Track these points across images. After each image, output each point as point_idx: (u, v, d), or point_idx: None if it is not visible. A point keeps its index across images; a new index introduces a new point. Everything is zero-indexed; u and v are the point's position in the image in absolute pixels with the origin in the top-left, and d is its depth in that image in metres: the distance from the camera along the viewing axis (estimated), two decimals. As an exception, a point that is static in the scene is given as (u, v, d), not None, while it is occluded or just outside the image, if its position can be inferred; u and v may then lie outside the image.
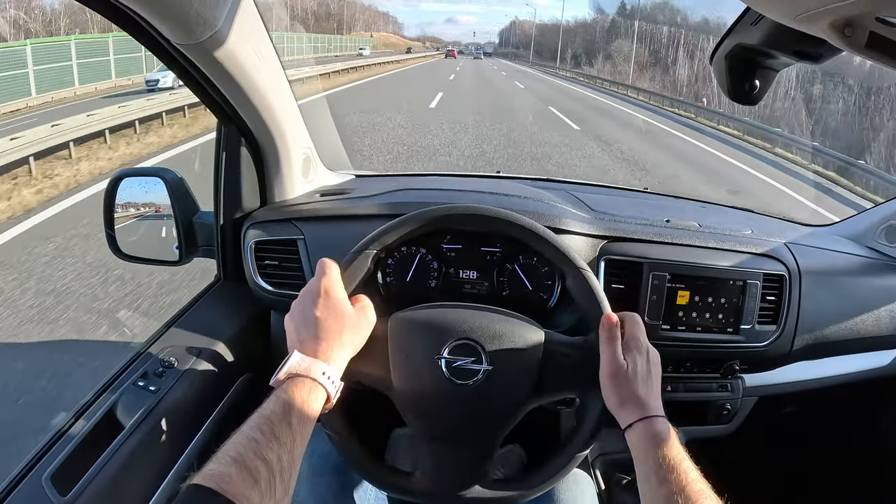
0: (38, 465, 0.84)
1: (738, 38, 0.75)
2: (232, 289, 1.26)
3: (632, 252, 1.14)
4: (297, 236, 1.16)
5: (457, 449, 0.88)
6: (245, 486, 0.57)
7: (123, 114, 10.43)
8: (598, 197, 1.35)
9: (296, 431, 0.67)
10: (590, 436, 0.87)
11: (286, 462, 0.63)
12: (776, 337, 1.18)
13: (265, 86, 1.04)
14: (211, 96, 1.04)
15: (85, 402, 0.97)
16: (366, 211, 1.18)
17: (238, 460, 0.59)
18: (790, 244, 1.24)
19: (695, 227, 1.23)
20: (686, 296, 1.14)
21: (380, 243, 0.91)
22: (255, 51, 0.97)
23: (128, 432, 0.90)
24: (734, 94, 0.80)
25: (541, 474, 0.88)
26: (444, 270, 1.15)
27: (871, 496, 1.52)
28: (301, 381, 0.72)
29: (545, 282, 1.14)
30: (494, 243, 1.14)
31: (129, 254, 1.25)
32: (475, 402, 0.85)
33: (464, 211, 0.94)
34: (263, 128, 1.13)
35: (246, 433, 0.64)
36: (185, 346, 1.09)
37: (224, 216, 1.21)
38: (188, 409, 1.01)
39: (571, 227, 1.12)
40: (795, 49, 0.69)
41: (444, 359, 0.84)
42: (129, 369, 1.03)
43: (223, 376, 1.11)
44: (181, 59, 0.92)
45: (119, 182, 1.22)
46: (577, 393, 0.92)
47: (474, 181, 1.51)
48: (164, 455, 0.95)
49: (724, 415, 1.28)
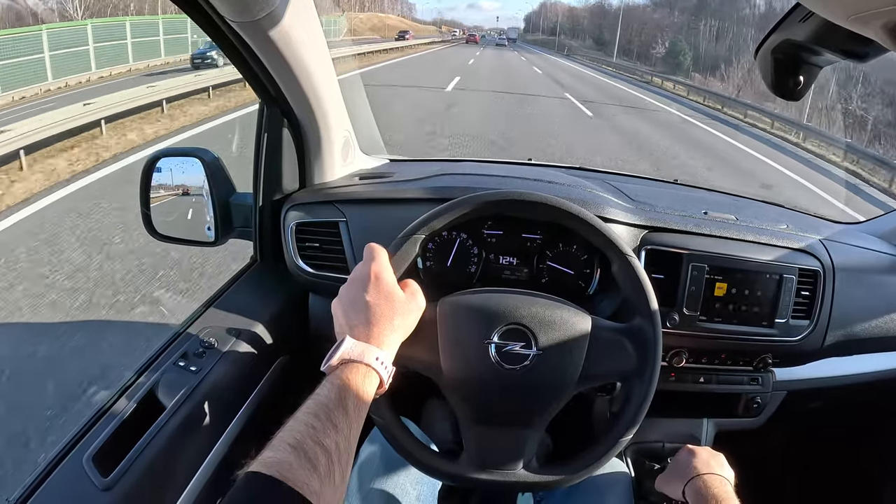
0: (78, 444, 0.84)
1: (786, 34, 0.74)
2: (269, 270, 1.26)
3: (672, 243, 1.13)
4: (339, 219, 1.16)
5: (503, 433, 0.88)
6: (305, 473, 0.57)
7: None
8: (635, 187, 1.34)
9: (352, 417, 0.67)
10: (633, 420, 0.88)
11: (343, 448, 0.63)
12: (809, 332, 1.18)
13: (313, 67, 1.03)
14: (257, 76, 1.03)
15: (125, 381, 0.97)
16: (409, 195, 1.18)
17: (297, 447, 0.59)
18: (825, 240, 1.24)
19: (732, 220, 1.23)
20: (724, 288, 1.14)
21: (428, 228, 0.91)
22: (306, 31, 0.97)
23: (169, 412, 0.90)
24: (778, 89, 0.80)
25: (583, 460, 0.89)
26: (484, 256, 1.15)
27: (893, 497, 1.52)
28: (355, 366, 0.72)
29: (584, 269, 1.14)
30: (535, 230, 1.14)
31: (164, 233, 1.24)
32: (523, 386, 0.86)
33: (516, 197, 0.93)
34: (307, 109, 1.12)
35: (302, 419, 0.63)
36: (224, 326, 1.09)
37: (263, 197, 1.20)
38: (228, 390, 1.01)
39: (615, 215, 1.12)
40: (843, 48, 0.68)
41: (493, 343, 0.85)
42: (169, 349, 1.03)
43: (261, 358, 1.11)
44: (233, 36, 0.92)
45: (156, 162, 1.21)
46: (620, 378, 0.93)
47: (510, 167, 1.51)
48: (205, 435, 0.95)
49: (754, 408, 1.29)
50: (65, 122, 8.00)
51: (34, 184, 6.36)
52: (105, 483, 0.79)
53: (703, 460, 0.98)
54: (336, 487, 0.60)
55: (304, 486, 0.56)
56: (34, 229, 4.98)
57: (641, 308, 0.90)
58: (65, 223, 5.10)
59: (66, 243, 4.65)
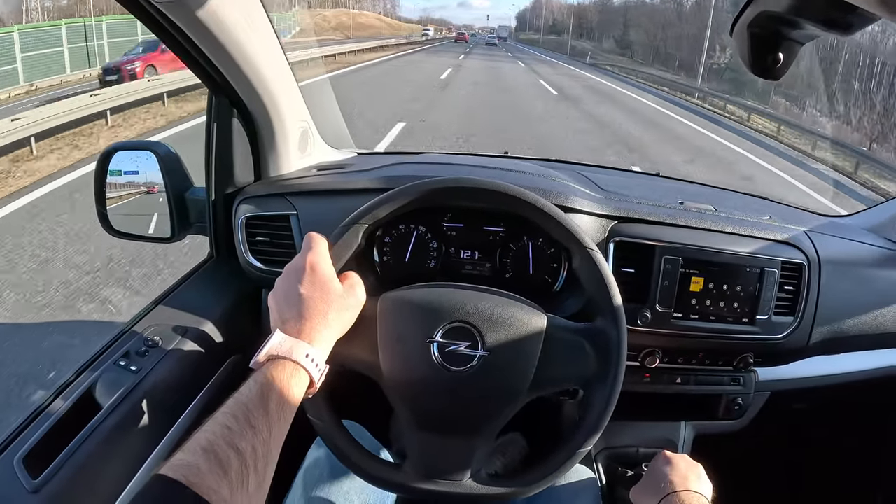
0: (10, 446, 0.81)
1: (762, 6, 0.69)
2: (224, 267, 1.22)
3: (643, 234, 1.07)
4: (289, 211, 1.11)
5: (449, 440, 0.83)
6: (214, 479, 0.53)
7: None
8: (607, 177, 1.30)
9: (273, 419, 0.62)
10: (593, 430, 0.81)
11: (261, 452, 0.59)
12: (793, 329, 1.12)
13: (256, 53, 0.99)
14: (198, 63, 0.99)
15: (63, 381, 0.93)
16: (360, 185, 1.13)
17: (208, 450, 0.55)
18: (810, 232, 1.18)
19: (710, 211, 1.17)
20: (700, 282, 1.08)
21: (371, 217, 0.85)
22: (242, 14, 0.93)
23: (105, 413, 0.86)
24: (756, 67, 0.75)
25: (540, 470, 0.83)
26: (444, 250, 1.10)
27: (884, 497, 1.47)
28: (282, 363, 0.67)
29: (551, 264, 1.08)
30: (498, 222, 1.09)
31: (122, 230, 1.21)
32: (469, 390, 0.80)
33: (461, 184, 0.88)
34: (256, 97, 1.08)
35: (219, 420, 0.59)
36: (172, 324, 1.05)
37: (216, 191, 1.16)
38: (171, 391, 0.97)
39: (579, 205, 1.06)
40: (826, 17, 0.64)
41: (436, 342, 0.79)
42: (112, 348, 0.99)
43: (210, 357, 1.07)
44: (162, 19, 0.87)
45: (111, 156, 1.17)
46: (580, 384, 0.86)
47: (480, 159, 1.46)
48: (144, 437, 0.91)
49: (736, 410, 1.23)
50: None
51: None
52: (34, 485, 0.76)
53: (681, 473, 0.92)
54: (250, 495, 0.56)
55: (210, 493, 0.52)
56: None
57: (604, 306, 0.83)
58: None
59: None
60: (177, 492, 0.51)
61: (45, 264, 4.35)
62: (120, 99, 10.20)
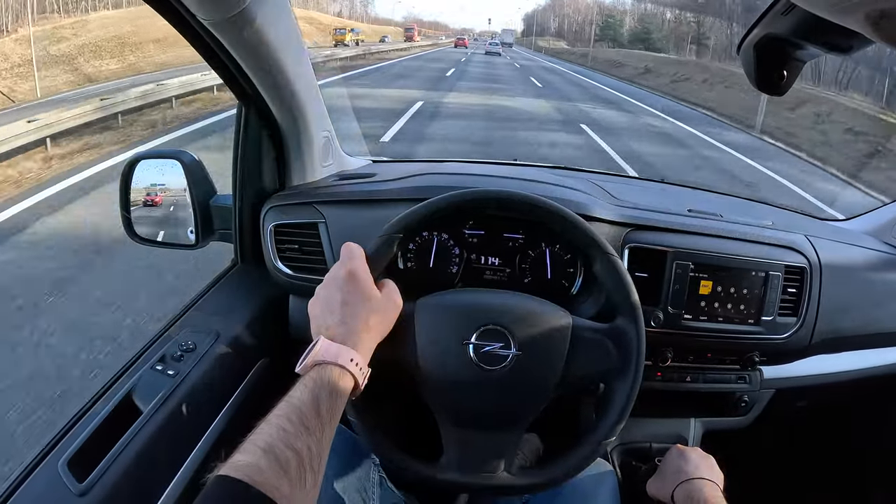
0: (54, 450, 0.83)
1: (768, 28, 0.73)
2: (249, 273, 1.25)
3: (655, 241, 1.12)
4: (318, 220, 1.15)
5: (482, 435, 0.87)
6: (275, 477, 0.56)
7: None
8: (619, 186, 1.34)
9: (325, 420, 0.65)
10: (615, 423, 0.86)
11: (315, 452, 0.62)
12: (796, 329, 1.17)
13: (289, 66, 1.02)
14: (233, 76, 1.02)
15: (102, 386, 0.96)
16: (389, 195, 1.17)
17: (268, 451, 0.58)
18: (811, 237, 1.24)
19: (717, 217, 1.22)
20: (709, 286, 1.13)
21: (406, 228, 0.90)
22: (281, 30, 0.96)
23: (146, 417, 0.89)
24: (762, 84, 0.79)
25: (566, 463, 0.87)
26: (465, 256, 1.14)
27: (886, 493, 1.52)
28: (329, 368, 0.71)
29: (567, 269, 1.13)
30: (517, 229, 1.13)
31: (145, 237, 1.24)
32: (503, 388, 0.84)
33: (494, 195, 0.93)
34: (285, 109, 1.11)
35: (274, 423, 0.62)
36: (203, 329, 1.08)
37: (242, 199, 1.19)
38: (206, 394, 1.00)
39: (596, 213, 1.11)
40: (826, 40, 0.68)
41: (472, 344, 0.84)
42: (148, 353, 1.02)
43: (241, 360, 1.10)
44: (206, 36, 0.91)
45: (135, 165, 1.20)
46: (602, 379, 0.91)
47: (494, 167, 1.50)
48: (183, 440, 0.94)
49: (742, 407, 1.28)
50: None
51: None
52: (81, 488, 0.78)
53: (694, 463, 0.97)
54: (307, 492, 0.59)
55: (273, 491, 0.55)
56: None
57: (623, 307, 0.88)
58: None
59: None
60: (242, 491, 0.53)
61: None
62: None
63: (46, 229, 5.15)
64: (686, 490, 0.93)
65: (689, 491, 0.93)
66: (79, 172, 6.90)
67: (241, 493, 0.54)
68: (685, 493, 0.93)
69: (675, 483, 0.95)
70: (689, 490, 0.93)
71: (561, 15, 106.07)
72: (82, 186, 6.40)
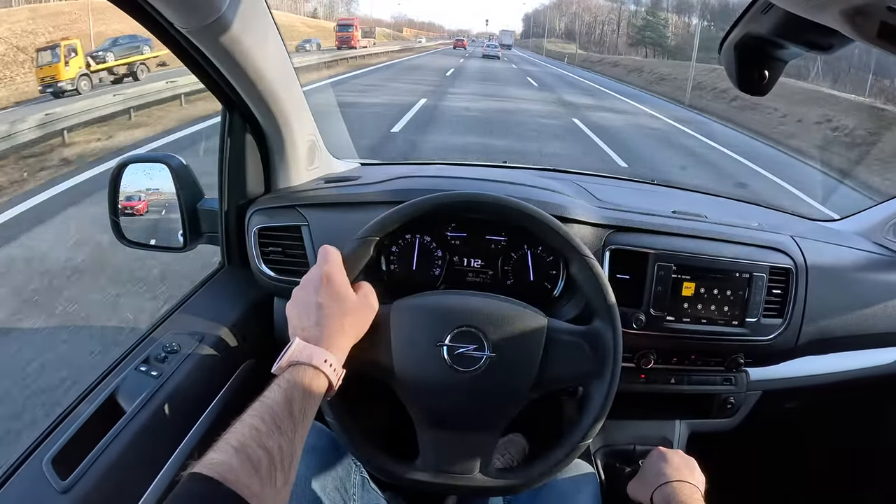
0: (38, 449, 0.85)
1: (748, 28, 0.73)
2: (235, 275, 1.26)
3: (637, 242, 1.13)
4: (300, 223, 1.16)
5: (458, 437, 0.88)
6: (246, 476, 0.57)
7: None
8: (604, 187, 1.34)
9: (297, 420, 0.67)
10: (591, 426, 0.87)
11: (287, 451, 0.63)
12: (781, 330, 1.17)
13: (270, 71, 1.03)
14: (215, 82, 1.03)
15: (87, 386, 0.97)
16: (371, 198, 1.18)
17: (240, 449, 0.59)
18: (797, 238, 1.23)
19: (702, 218, 1.22)
20: (692, 287, 1.13)
21: (382, 230, 0.90)
22: (259, 35, 0.96)
23: (129, 417, 0.90)
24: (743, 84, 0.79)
25: (542, 465, 0.88)
26: (448, 258, 1.15)
27: (874, 494, 1.51)
28: (303, 369, 0.72)
29: (550, 271, 1.13)
30: (499, 232, 1.14)
31: (134, 240, 1.25)
32: (477, 390, 0.85)
33: (467, 198, 0.93)
34: (268, 114, 1.12)
35: (247, 422, 0.63)
36: (189, 331, 1.09)
37: (228, 202, 1.20)
38: (190, 395, 1.01)
39: (576, 215, 1.11)
40: (806, 39, 0.68)
41: (446, 346, 0.84)
42: (132, 354, 1.03)
43: (226, 362, 1.11)
44: (185, 43, 0.91)
45: (124, 168, 1.22)
46: (579, 382, 0.92)
47: (480, 170, 1.51)
48: (166, 440, 0.95)
49: (728, 408, 1.28)
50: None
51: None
52: (63, 486, 0.79)
53: (674, 466, 0.98)
54: (277, 490, 0.60)
55: (244, 489, 0.56)
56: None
57: (600, 310, 0.89)
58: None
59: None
60: (213, 488, 0.55)
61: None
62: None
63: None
64: (665, 493, 0.93)
65: (668, 493, 0.93)
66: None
67: (212, 491, 0.55)
68: (664, 495, 0.93)
69: (655, 485, 0.96)
70: (668, 493, 0.93)
71: (569, 14, 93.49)
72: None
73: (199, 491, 0.55)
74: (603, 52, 60.58)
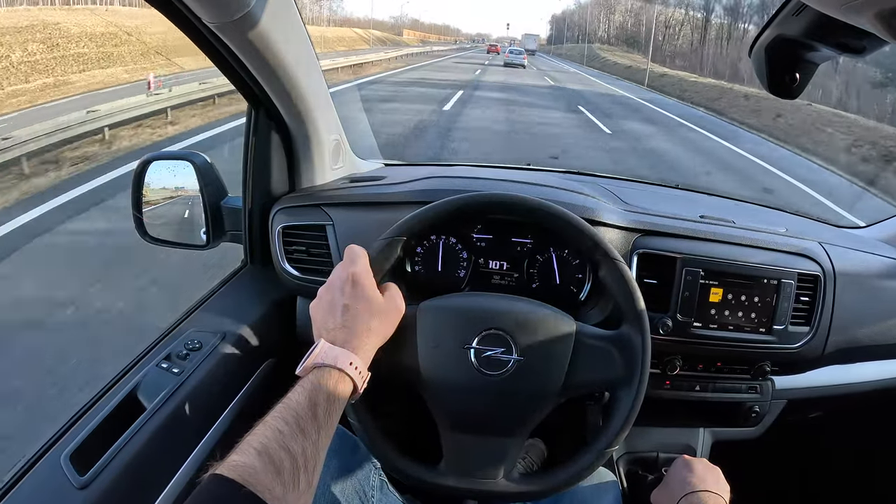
0: (57, 443, 0.84)
1: (780, 30, 0.72)
2: (258, 274, 1.26)
3: (665, 247, 1.11)
4: (325, 222, 1.15)
5: (483, 441, 0.86)
6: (269, 478, 0.56)
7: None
8: (630, 191, 1.32)
9: (321, 423, 0.66)
10: (619, 432, 0.85)
11: (310, 454, 0.62)
12: (809, 339, 1.15)
13: (296, 69, 1.02)
14: (241, 79, 1.03)
15: (108, 382, 0.97)
16: (397, 198, 1.17)
17: (262, 452, 0.58)
18: (825, 244, 1.21)
19: (730, 223, 1.20)
20: (719, 293, 1.11)
21: (409, 230, 0.89)
22: (286, 32, 0.96)
23: (149, 413, 0.90)
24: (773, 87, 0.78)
25: (568, 471, 0.86)
26: (473, 260, 1.14)
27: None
28: (328, 371, 0.71)
29: (576, 275, 1.12)
30: (525, 234, 1.12)
31: (157, 237, 1.25)
32: (504, 393, 0.84)
33: (497, 199, 0.92)
34: (294, 112, 1.12)
35: (270, 424, 0.62)
36: (210, 329, 1.09)
37: (252, 201, 1.20)
38: (211, 393, 1.00)
39: (605, 218, 1.10)
40: (838, 41, 0.67)
41: (473, 349, 0.83)
42: (153, 351, 1.03)
43: (247, 360, 1.10)
44: (212, 38, 0.91)
45: (147, 165, 1.22)
46: (606, 387, 0.91)
47: (505, 171, 1.49)
48: (185, 438, 0.95)
49: (752, 417, 1.26)
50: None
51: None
52: (82, 481, 0.79)
53: (699, 475, 0.96)
54: (300, 494, 0.59)
55: (266, 492, 0.55)
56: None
57: (629, 314, 0.87)
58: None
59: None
60: (234, 490, 0.54)
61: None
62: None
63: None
64: (690, 502, 0.92)
65: (694, 503, 0.91)
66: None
67: (233, 493, 0.54)
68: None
69: (680, 495, 0.94)
70: (693, 502, 0.91)
71: (627, 13, 68.51)
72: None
73: (220, 493, 0.55)
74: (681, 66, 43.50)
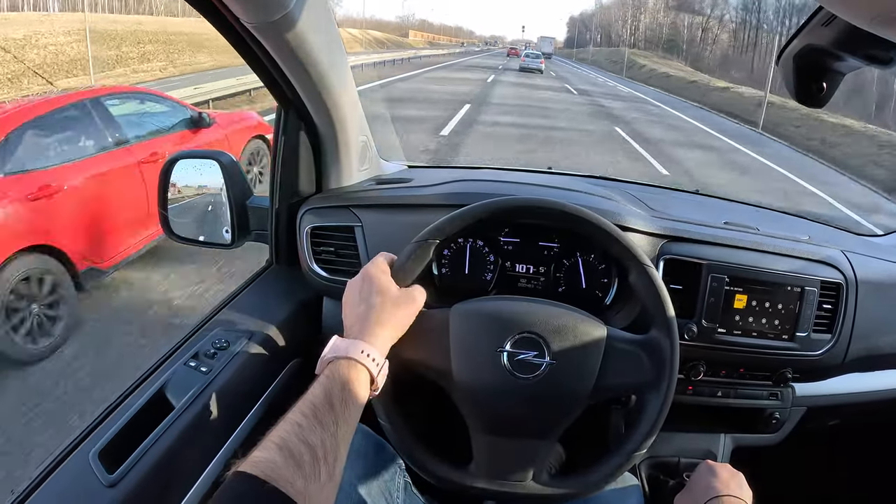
0: (86, 441, 0.85)
1: (809, 39, 0.73)
2: (283, 273, 1.26)
3: (691, 253, 1.11)
4: (354, 223, 1.16)
5: (513, 443, 0.87)
6: (290, 472, 0.58)
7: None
8: (654, 196, 1.33)
9: (338, 414, 0.67)
10: (647, 435, 0.86)
11: (329, 446, 0.63)
12: (830, 346, 1.15)
13: (329, 71, 1.03)
14: (274, 79, 1.04)
15: (135, 380, 0.98)
16: (426, 200, 1.17)
17: (282, 446, 0.60)
18: (847, 252, 1.21)
19: (753, 230, 1.20)
20: (744, 300, 1.11)
21: (441, 234, 0.90)
22: (322, 34, 0.96)
23: (178, 412, 0.90)
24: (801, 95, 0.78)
25: (596, 473, 0.87)
26: (500, 264, 1.14)
27: None
28: (340, 362, 0.73)
29: (601, 279, 1.12)
30: (552, 238, 1.13)
31: (182, 235, 1.27)
32: (535, 396, 0.84)
33: (530, 203, 0.93)
34: (324, 113, 1.12)
35: (290, 419, 0.64)
36: (237, 328, 1.09)
37: (279, 200, 1.20)
38: (238, 392, 1.01)
39: (633, 224, 1.10)
40: (867, 52, 0.67)
41: (506, 352, 0.84)
42: (181, 349, 1.04)
43: (273, 360, 1.11)
44: (249, 39, 0.92)
45: (174, 164, 1.23)
46: (635, 391, 0.91)
47: (530, 175, 1.50)
48: (213, 436, 0.95)
49: (773, 423, 1.26)
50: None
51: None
52: (110, 479, 0.79)
53: (724, 480, 0.96)
54: (322, 485, 0.61)
55: (287, 486, 0.57)
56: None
57: (659, 319, 0.88)
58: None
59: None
60: (257, 486, 0.56)
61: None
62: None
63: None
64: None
65: None
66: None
67: (256, 489, 0.56)
68: None
69: (704, 499, 0.94)
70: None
71: (653, 12, 59.49)
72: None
73: (243, 490, 0.56)
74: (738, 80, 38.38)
